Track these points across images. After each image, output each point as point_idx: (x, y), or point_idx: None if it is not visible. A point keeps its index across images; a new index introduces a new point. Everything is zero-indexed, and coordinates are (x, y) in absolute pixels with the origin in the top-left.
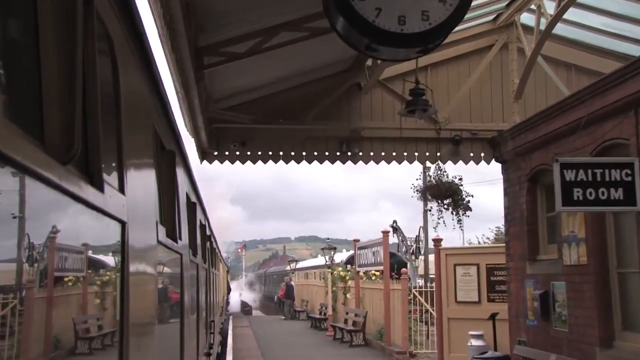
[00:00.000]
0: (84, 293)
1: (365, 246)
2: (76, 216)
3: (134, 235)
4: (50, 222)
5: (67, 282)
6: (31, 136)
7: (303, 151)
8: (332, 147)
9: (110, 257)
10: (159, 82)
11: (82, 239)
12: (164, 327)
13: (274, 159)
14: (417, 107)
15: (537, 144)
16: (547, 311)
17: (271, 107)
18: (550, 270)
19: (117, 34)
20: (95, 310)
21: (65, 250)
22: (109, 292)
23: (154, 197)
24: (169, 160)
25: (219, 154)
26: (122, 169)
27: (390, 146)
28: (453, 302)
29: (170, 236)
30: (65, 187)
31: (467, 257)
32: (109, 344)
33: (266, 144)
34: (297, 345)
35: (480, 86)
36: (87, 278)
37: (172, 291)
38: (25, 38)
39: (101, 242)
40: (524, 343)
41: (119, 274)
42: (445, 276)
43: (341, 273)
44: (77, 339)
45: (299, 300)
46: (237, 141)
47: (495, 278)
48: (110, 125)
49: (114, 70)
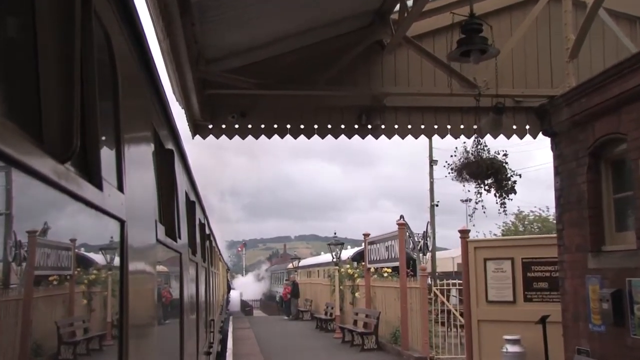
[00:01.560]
0: (82, 292)
1: (377, 241)
2: (75, 214)
3: (133, 233)
4: (48, 220)
5: (65, 281)
6: (29, 134)
7: (315, 123)
8: (349, 119)
9: (109, 256)
10: (158, 81)
11: (80, 237)
12: (164, 326)
13: (279, 132)
14: (472, 46)
15: (603, 109)
16: (621, 315)
17: (277, 70)
18: (624, 264)
19: (115, 32)
20: (93, 309)
21: (63, 248)
22: (108, 291)
23: (153, 195)
24: (168, 159)
25: (214, 126)
26: (121, 167)
27: (418, 117)
28: (483, 302)
29: (170, 235)
30: (64, 185)
31: (500, 251)
32: (109, 342)
33: (271, 114)
34: (303, 349)
35: (524, 45)
36: (86, 277)
37: (171, 290)
38: (23, 35)
39: (100, 241)
40: (585, 353)
41: (118, 272)
42: (474, 272)
43: (349, 270)
44: (75, 337)
45: (301, 299)
46: (236, 111)
47: (533, 274)
48: (109, 124)
49: (112, 68)
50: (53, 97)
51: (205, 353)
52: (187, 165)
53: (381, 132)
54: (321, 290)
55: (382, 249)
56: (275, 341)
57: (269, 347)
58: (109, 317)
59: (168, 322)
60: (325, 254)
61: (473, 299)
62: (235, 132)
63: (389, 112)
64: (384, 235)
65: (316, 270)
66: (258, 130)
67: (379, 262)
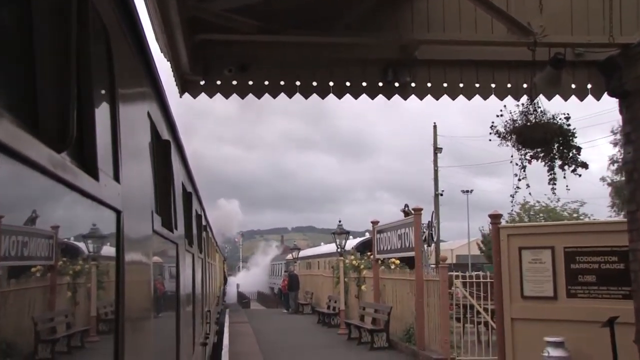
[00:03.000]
0: (78, 282)
1: (388, 229)
2: (71, 204)
3: (130, 224)
4: (44, 210)
5: (61, 270)
6: (25, 124)
7: (330, 80)
8: (373, 74)
9: (106, 246)
10: (155, 71)
11: (76, 227)
12: (160, 317)
13: (287, 90)
14: None
15: None
16: None
17: (285, 11)
18: None
19: (111, 22)
20: (89, 299)
21: (59, 238)
22: (104, 282)
23: (149, 186)
24: (165, 150)
25: (207, 82)
26: (117, 157)
27: (456, 73)
28: (518, 297)
29: (166, 226)
30: (60, 175)
31: (538, 238)
32: (105, 332)
33: (277, 68)
34: (306, 347)
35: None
36: (81, 267)
37: (167, 281)
38: (18, 24)
39: (96, 231)
40: None
41: (114, 263)
42: (506, 264)
43: (354, 262)
44: (70, 327)
45: (302, 292)
46: (234, 64)
47: (578, 266)
48: (106, 114)
49: (108, 58)
50: (49, 86)
51: (202, 344)
52: (184, 156)
53: (411, 91)
54: (322, 282)
55: (394, 238)
56: (276, 337)
57: (269, 344)
58: (104, 307)
59: (164, 313)
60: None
61: (506, 294)
62: (233, 89)
63: (421, 66)
64: (395, 223)
65: (316, 262)
66: (261, 88)
67: (390, 252)
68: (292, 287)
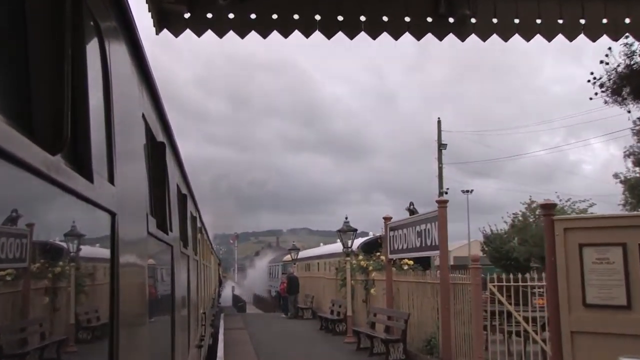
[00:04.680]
0: (72, 285)
1: (404, 225)
2: (65, 207)
3: (124, 226)
4: (39, 212)
5: (56, 274)
6: (20, 126)
7: (361, 14)
8: (419, 6)
9: (100, 249)
10: (149, 73)
11: (71, 229)
12: (155, 319)
13: (301, 26)
14: None
15: None
16: None
17: None
18: None
19: (106, 24)
20: (84, 302)
21: (53, 241)
22: (99, 284)
23: (144, 188)
24: (160, 152)
25: (194, 15)
26: (112, 159)
27: (533, 5)
28: (579, 305)
29: (161, 228)
30: (54, 177)
31: (604, 233)
32: (99, 335)
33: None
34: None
35: None
36: (77, 270)
37: (162, 283)
38: (12, 25)
39: (91, 233)
40: None
41: (108, 265)
42: (563, 264)
43: (361, 263)
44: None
45: (302, 295)
46: None
47: None
48: (100, 116)
49: (103, 59)
50: (43, 88)
51: (197, 346)
52: (179, 157)
53: (471, 28)
54: (324, 285)
55: (412, 236)
56: (277, 346)
57: (270, 355)
58: (99, 310)
59: (159, 315)
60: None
61: (563, 301)
62: (229, 25)
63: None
64: (413, 218)
65: (316, 263)
66: (267, 23)
67: (406, 251)
68: (291, 290)
